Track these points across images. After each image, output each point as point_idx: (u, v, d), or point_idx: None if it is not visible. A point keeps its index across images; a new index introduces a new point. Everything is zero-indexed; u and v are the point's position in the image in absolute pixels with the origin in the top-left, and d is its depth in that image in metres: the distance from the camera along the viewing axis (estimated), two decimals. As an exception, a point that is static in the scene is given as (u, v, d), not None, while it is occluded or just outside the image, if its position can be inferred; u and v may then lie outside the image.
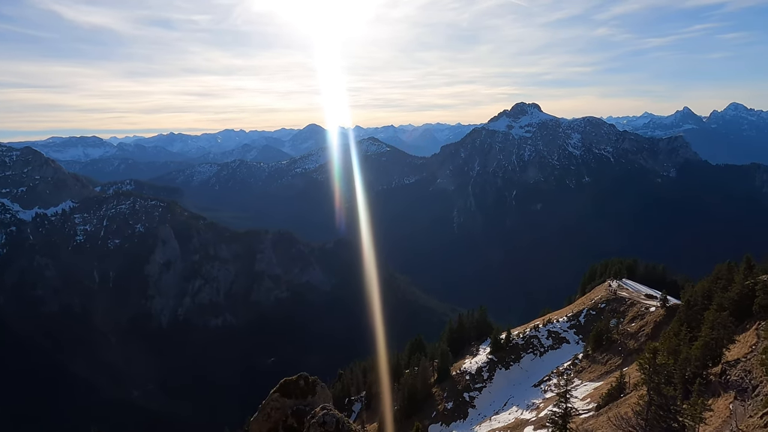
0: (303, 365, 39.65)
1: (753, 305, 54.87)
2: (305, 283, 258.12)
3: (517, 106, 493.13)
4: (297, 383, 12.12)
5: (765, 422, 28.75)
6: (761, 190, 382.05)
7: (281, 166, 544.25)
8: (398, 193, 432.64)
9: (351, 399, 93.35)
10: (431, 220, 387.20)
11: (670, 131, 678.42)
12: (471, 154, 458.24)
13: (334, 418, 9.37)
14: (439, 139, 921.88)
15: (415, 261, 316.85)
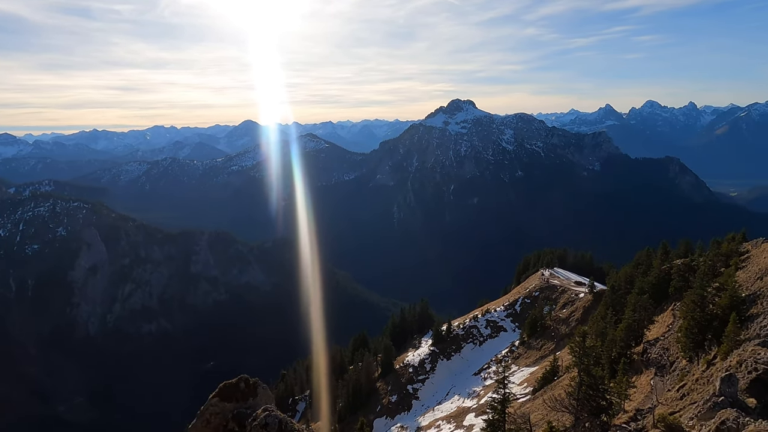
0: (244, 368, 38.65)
1: (669, 288, 59.40)
2: (244, 284, 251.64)
3: (453, 103, 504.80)
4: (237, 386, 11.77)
5: (681, 395, 31.20)
6: (674, 182, 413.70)
7: (216, 163, 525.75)
8: (338, 190, 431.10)
9: (295, 398, 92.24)
10: (372, 215, 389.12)
11: (594, 127, 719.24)
12: (409, 150, 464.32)
13: (277, 419, 9.19)
14: (378, 135, 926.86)
15: (356, 257, 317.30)
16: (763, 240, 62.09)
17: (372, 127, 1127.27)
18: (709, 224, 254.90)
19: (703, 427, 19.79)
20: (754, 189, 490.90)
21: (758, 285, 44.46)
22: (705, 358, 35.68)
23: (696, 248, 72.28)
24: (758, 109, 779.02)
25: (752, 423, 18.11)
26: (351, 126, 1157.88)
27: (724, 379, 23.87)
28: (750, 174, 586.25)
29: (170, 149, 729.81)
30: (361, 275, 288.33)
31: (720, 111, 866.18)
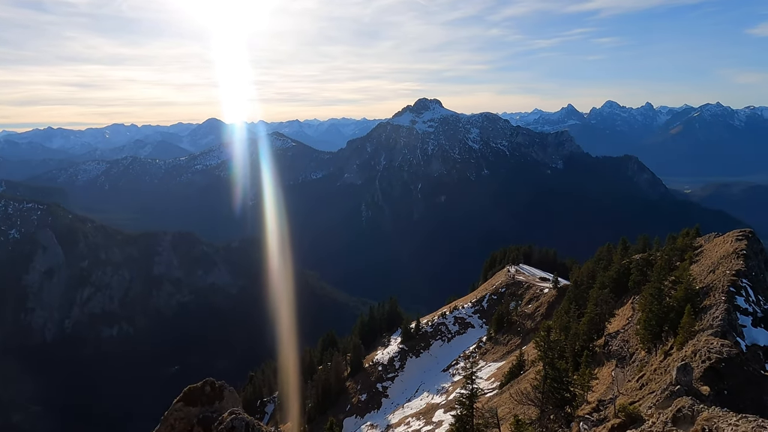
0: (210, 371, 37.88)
1: (629, 282, 61.49)
2: (210, 285, 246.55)
3: (420, 102, 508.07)
4: (202, 390, 11.52)
5: (640, 385, 32.32)
6: (633, 179, 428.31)
7: (180, 162, 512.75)
8: (306, 189, 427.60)
9: (264, 400, 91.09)
10: (340, 214, 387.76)
11: (557, 126, 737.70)
12: (377, 148, 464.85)
13: (244, 421, 9.05)
14: (345, 133, 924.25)
15: (325, 256, 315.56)
16: (715, 235, 65.01)
17: (339, 125, 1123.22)
18: (665, 220, 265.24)
19: (661, 415, 20.53)
20: (707, 186, 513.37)
21: (711, 278, 46.52)
22: (662, 349, 37.08)
23: (653, 243, 75.14)
24: (710, 109, 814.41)
25: (706, 410, 18.88)
26: (318, 124, 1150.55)
27: (679, 368, 24.84)
28: (702, 172, 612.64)
29: (131, 148, 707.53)
30: (329, 275, 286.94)
31: (675, 111, 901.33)
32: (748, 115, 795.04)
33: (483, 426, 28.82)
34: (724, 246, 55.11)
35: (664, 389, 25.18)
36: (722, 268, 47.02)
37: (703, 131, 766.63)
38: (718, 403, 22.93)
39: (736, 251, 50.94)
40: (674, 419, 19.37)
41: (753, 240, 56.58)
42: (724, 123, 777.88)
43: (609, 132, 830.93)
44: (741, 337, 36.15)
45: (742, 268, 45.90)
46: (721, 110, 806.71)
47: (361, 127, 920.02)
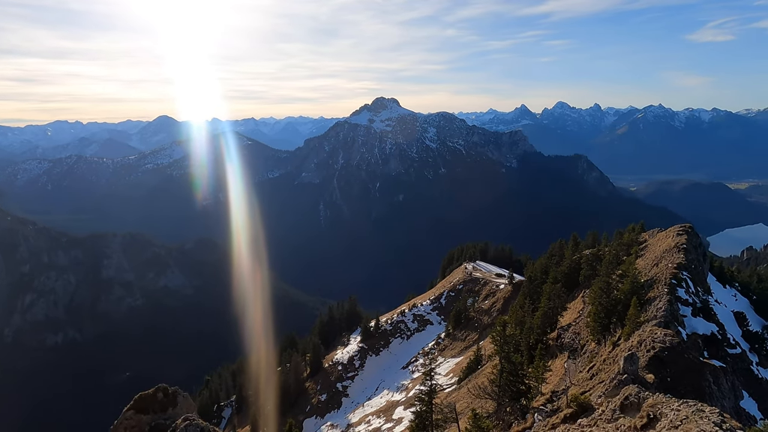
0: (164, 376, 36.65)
1: (579, 276, 63.87)
2: (163, 288, 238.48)
3: (378, 101, 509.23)
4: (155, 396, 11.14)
5: (591, 375, 33.60)
6: (583, 177, 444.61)
7: (129, 161, 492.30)
8: (263, 188, 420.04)
9: (221, 405, 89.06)
10: (298, 214, 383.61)
11: (511, 126, 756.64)
12: (335, 147, 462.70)
13: (198, 427, 8.81)
14: (303, 132, 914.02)
15: (283, 256, 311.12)
16: (658, 230, 68.47)
17: (296, 124, 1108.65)
18: (613, 217, 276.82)
19: (610, 404, 21.40)
20: (651, 184, 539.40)
21: (654, 271, 48.92)
22: (611, 340, 38.69)
23: (602, 239, 78.32)
24: (653, 111, 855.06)
25: (651, 397, 19.83)
26: (274, 123, 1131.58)
27: (626, 358, 25.98)
28: (646, 170, 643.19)
29: (75, 146, 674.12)
30: (288, 274, 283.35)
31: (621, 112, 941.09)
32: (687, 117, 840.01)
33: (442, 421, 29.23)
34: (666, 241, 58.10)
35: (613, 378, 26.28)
36: (665, 262, 49.55)
37: (646, 132, 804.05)
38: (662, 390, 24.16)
39: (677, 245, 53.77)
40: (622, 407, 20.26)
41: (692, 234, 59.91)
42: (666, 124, 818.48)
43: (560, 132, 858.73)
44: (682, 326, 38.21)
45: (682, 262, 48.51)
46: (663, 112, 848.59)
47: (319, 126, 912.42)
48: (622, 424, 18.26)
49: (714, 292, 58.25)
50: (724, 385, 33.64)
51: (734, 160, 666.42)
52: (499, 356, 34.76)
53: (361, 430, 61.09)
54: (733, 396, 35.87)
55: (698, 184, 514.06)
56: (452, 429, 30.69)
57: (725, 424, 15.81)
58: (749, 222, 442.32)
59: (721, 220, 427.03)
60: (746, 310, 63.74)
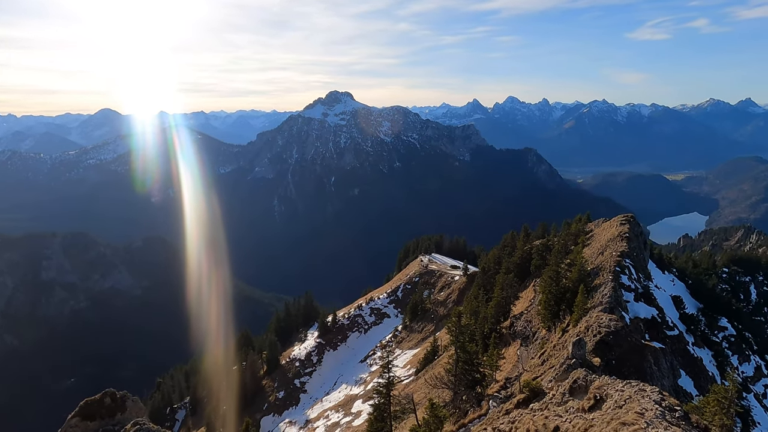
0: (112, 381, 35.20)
1: (531, 266, 65.95)
2: (109, 289, 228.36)
3: (332, 95, 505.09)
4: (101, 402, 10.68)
5: (542, 361, 34.83)
6: (532, 170, 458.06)
7: (69, 157, 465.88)
8: (215, 184, 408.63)
9: (174, 407, 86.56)
10: (251, 209, 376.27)
11: (464, 120, 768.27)
12: (288, 141, 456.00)
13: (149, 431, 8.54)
14: (255, 126, 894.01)
15: (237, 253, 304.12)
16: (603, 220, 71.56)
17: (248, 117, 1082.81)
18: (562, 208, 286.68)
19: (560, 387, 22.28)
20: (596, 176, 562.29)
21: (600, 259, 51.15)
22: (560, 327, 40.23)
23: (551, 230, 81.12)
24: (597, 106, 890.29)
25: (597, 379, 20.79)
26: (225, 116, 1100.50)
27: (574, 343, 27.07)
28: (592, 162, 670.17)
29: (8, 140, 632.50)
30: (242, 272, 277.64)
31: (568, 107, 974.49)
32: (629, 112, 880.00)
33: (400, 412, 29.58)
34: (611, 230, 60.83)
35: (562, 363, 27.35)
36: (609, 250, 51.91)
37: (591, 126, 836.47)
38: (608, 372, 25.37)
39: (620, 235, 56.41)
40: (571, 390, 21.14)
41: (634, 224, 63.00)
42: (609, 119, 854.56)
43: (511, 126, 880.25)
44: (625, 311, 40.22)
45: (625, 250, 50.97)
46: (606, 107, 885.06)
47: (272, 120, 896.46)
48: (571, 407, 19.07)
49: (654, 277, 61.62)
50: (664, 365, 35.70)
51: (671, 152, 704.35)
52: (454, 346, 35.47)
53: (320, 425, 60.94)
54: (672, 375, 38.12)
55: (639, 176, 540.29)
56: (410, 419, 31.13)
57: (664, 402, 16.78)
58: (685, 211, 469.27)
59: (660, 209, 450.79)
60: (683, 293, 67.81)
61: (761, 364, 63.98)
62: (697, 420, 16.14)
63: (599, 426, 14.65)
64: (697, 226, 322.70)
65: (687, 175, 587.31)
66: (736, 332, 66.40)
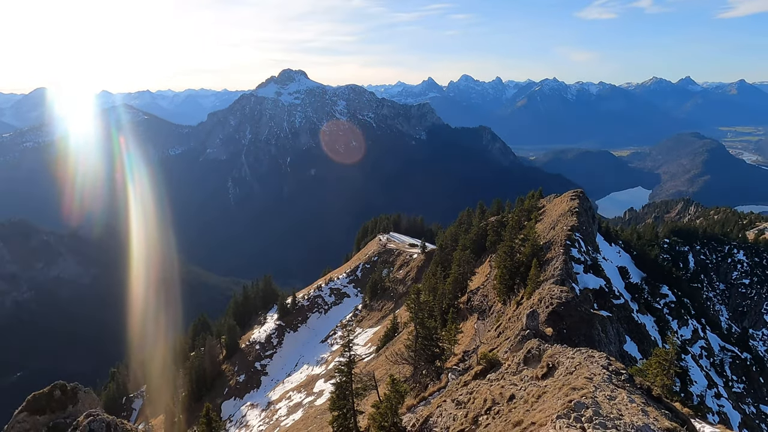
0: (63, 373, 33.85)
1: (486, 242, 67.52)
2: (55, 279, 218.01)
3: (285, 73, 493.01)
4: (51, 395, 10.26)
5: (498, 333, 35.97)
6: (487, 148, 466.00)
7: (3, 140, 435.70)
8: (164, 166, 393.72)
9: (129, 397, 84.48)
10: (205, 192, 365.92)
11: (419, 98, 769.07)
12: (241, 121, 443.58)
13: (104, 422, 8.30)
14: (205, 105, 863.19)
15: (191, 237, 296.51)
16: (555, 196, 73.90)
17: (197, 97, 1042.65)
18: (515, 185, 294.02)
19: (515, 357, 23.11)
20: (548, 153, 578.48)
21: (551, 234, 52.90)
22: (515, 300, 41.56)
23: (505, 206, 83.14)
24: (548, 84, 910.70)
25: (550, 348, 21.68)
26: (173, 96, 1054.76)
27: (528, 315, 28.05)
28: (544, 140, 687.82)
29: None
30: (198, 256, 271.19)
31: (520, 85, 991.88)
32: (578, 90, 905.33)
33: (362, 389, 29.94)
34: (562, 205, 62.94)
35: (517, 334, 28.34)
36: (560, 225, 53.75)
37: (543, 104, 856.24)
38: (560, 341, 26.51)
39: (570, 209, 58.43)
40: (525, 359, 21.97)
41: (583, 199, 65.38)
42: (560, 97, 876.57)
43: (465, 104, 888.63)
44: (576, 283, 41.97)
45: (575, 224, 52.91)
46: (557, 85, 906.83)
47: (223, 99, 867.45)
48: (526, 375, 19.85)
49: (602, 250, 64.41)
50: (611, 332, 37.61)
51: (618, 129, 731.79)
52: (414, 323, 36.09)
53: (282, 406, 61.08)
54: (618, 341, 40.25)
55: (588, 152, 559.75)
56: (372, 396, 31.62)
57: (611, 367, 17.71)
58: (630, 185, 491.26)
59: (607, 184, 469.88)
60: (628, 264, 71.36)
61: (698, 327, 68.54)
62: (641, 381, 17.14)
63: (552, 392, 15.32)
64: (641, 200, 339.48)
65: (632, 150, 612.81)
66: (676, 298, 70.66)
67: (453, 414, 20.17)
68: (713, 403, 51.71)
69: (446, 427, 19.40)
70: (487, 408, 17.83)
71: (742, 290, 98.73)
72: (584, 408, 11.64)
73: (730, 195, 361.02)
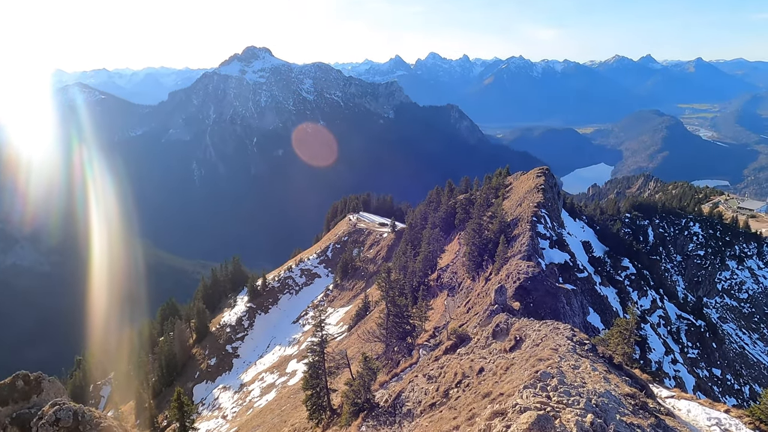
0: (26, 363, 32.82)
1: (455, 220, 68.31)
2: (11, 267, 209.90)
3: (249, 50, 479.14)
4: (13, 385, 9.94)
5: (467, 309, 36.69)
6: (455, 126, 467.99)
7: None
8: (124, 148, 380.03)
9: (97, 384, 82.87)
10: (168, 174, 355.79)
11: (387, 77, 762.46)
12: (204, 101, 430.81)
13: (71, 411, 8.10)
14: (166, 84, 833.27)
15: (156, 221, 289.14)
16: (521, 173, 75.07)
17: (158, 75, 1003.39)
18: (483, 162, 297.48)
19: (484, 332, 23.68)
20: (515, 130, 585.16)
21: (518, 211, 53.88)
22: (483, 276, 42.39)
23: (473, 184, 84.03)
24: (514, 62, 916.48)
25: (517, 321, 22.29)
26: (131, 74, 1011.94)
27: (496, 290, 28.65)
28: (510, 118, 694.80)
29: None
30: (163, 241, 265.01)
31: (487, 63, 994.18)
32: (543, 68, 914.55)
33: (335, 368, 30.24)
34: (528, 182, 64.06)
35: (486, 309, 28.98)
36: (527, 202, 54.78)
37: (509, 81, 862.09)
38: (527, 315, 27.27)
39: (536, 186, 59.54)
40: (494, 333, 22.52)
41: (549, 175, 66.65)
42: (526, 75, 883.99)
43: (433, 82, 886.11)
44: (542, 258, 43.04)
45: (541, 201, 54.01)
46: (523, 63, 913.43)
47: (184, 78, 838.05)
48: (495, 348, 20.40)
49: (566, 225, 66.15)
50: (575, 304, 38.88)
51: (582, 107, 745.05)
52: (385, 301, 36.43)
53: (255, 387, 61.12)
54: (582, 313, 41.68)
55: (553, 130, 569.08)
56: (345, 373, 31.96)
57: (575, 338, 18.34)
58: (594, 162, 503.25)
59: (571, 161, 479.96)
60: (591, 239, 73.58)
61: (656, 298, 71.65)
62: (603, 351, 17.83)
63: (519, 364, 15.81)
64: (605, 176, 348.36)
65: (595, 128, 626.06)
66: (636, 271, 73.51)
67: (424, 388, 20.61)
68: (670, 369, 54.49)
69: (418, 401, 19.84)
70: (458, 381, 18.29)
71: (697, 261, 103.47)
72: (550, 378, 12.06)
73: (688, 170, 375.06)
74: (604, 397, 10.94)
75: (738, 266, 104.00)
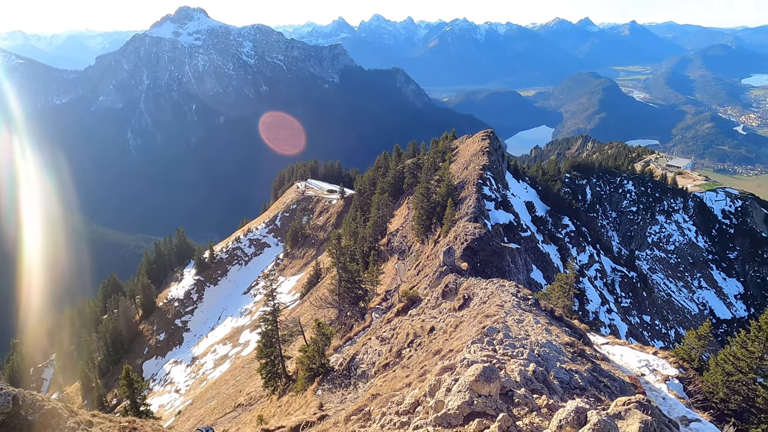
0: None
1: (403, 185, 68.87)
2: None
3: (182, 11, 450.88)
4: (-57, 375, 9.36)
5: (417, 271, 37.54)
6: (401, 90, 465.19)
7: None
8: (50, 117, 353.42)
9: (38, 367, 79.48)
10: (101, 144, 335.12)
11: (330, 39, 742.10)
12: (137, 65, 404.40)
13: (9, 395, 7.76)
14: (92, 48, 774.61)
15: (91, 195, 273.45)
16: (467, 136, 76.18)
17: (82, 38, 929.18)
18: (430, 126, 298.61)
19: (433, 292, 24.38)
20: (459, 94, 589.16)
21: (465, 174, 54.94)
22: (432, 238, 43.34)
23: (421, 148, 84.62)
24: (458, 24, 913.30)
25: (465, 281, 23.07)
26: (52, 37, 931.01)
27: (445, 252, 29.40)
28: (455, 81, 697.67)
29: None
30: (100, 215, 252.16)
31: (431, 26, 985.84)
32: (487, 30, 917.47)
33: (288, 335, 30.38)
34: (473, 146, 65.17)
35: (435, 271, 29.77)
36: (473, 165, 55.88)
37: (454, 45, 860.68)
38: (474, 274, 28.24)
39: (482, 149, 60.71)
40: (443, 293, 23.24)
41: (493, 138, 68.03)
42: (470, 38, 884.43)
43: (378, 45, 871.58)
44: (487, 219, 44.37)
45: (486, 163, 55.23)
46: (467, 25, 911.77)
47: (112, 41, 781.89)
48: (444, 308, 21.10)
49: (511, 186, 68.22)
50: (519, 262, 40.60)
51: (524, 69, 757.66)
52: (336, 267, 36.64)
53: (208, 359, 60.61)
54: (526, 270, 43.66)
55: (497, 93, 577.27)
56: (299, 341, 32.18)
57: (519, 294, 19.22)
58: (536, 124, 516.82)
59: (515, 123, 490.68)
60: (534, 199, 76.38)
61: (593, 253, 75.92)
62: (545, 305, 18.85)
63: (468, 321, 16.46)
64: (546, 138, 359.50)
65: (537, 90, 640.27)
66: (575, 228, 77.32)
67: (378, 350, 21.15)
68: (606, 318, 58.49)
69: (372, 362, 20.37)
70: (410, 341, 18.88)
71: (630, 217, 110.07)
72: (495, 332, 12.68)
73: (623, 130, 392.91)
74: (545, 347, 11.64)
75: (666, 220, 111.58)
